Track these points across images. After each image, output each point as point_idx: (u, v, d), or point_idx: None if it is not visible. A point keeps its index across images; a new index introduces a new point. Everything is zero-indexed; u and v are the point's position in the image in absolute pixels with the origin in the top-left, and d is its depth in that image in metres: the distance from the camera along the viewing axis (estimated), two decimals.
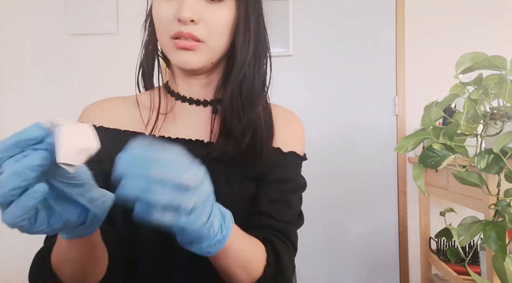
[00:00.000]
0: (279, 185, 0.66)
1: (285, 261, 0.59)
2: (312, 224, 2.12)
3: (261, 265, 0.56)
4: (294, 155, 0.70)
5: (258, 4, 0.65)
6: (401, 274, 2.08)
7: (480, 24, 2.06)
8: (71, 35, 2.29)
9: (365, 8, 2.15)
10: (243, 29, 0.62)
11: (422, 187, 0.72)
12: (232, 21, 0.61)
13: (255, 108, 0.64)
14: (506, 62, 0.66)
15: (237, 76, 0.63)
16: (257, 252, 0.56)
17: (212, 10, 0.59)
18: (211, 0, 0.59)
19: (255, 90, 0.65)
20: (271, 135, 0.67)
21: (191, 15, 0.57)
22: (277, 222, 0.62)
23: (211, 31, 0.60)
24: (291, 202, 0.67)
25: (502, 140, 0.64)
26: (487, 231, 0.64)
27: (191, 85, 0.67)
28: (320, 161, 2.14)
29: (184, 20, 0.57)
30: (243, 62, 0.63)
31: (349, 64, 2.16)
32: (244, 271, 0.53)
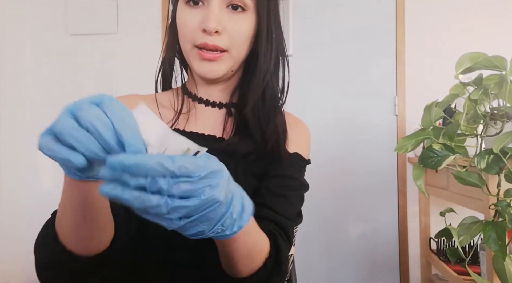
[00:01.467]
0: (281, 180, 0.67)
1: (284, 256, 0.60)
2: (312, 223, 2.12)
3: (263, 257, 0.56)
4: (298, 157, 0.72)
5: (277, 14, 0.69)
6: (401, 274, 2.08)
7: (480, 24, 2.06)
8: (71, 35, 2.29)
9: (365, 8, 2.15)
10: (265, 39, 0.65)
11: (422, 187, 0.72)
12: (253, 31, 0.64)
13: (277, 116, 0.68)
14: (506, 62, 0.66)
15: (259, 84, 0.66)
16: (262, 245, 0.56)
17: (235, 20, 0.62)
18: (234, 10, 0.62)
19: (276, 97, 0.69)
20: (285, 137, 0.70)
21: (216, 27, 0.59)
22: (277, 216, 0.63)
23: (233, 41, 0.62)
24: (291, 199, 0.67)
25: (502, 141, 0.64)
26: (487, 231, 0.64)
27: (209, 90, 0.70)
28: (320, 161, 2.14)
29: (210, 31, 0.59)
30: (266, 71, 0.66)
31: (349, 64, 2.16)
32: (246, 260, 0.53)
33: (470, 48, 0.77)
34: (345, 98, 2.16)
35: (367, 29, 2.15)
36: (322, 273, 2.14)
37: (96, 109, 0.35)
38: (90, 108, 0.35)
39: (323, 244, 2.15)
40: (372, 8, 2.15)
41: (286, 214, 0.65)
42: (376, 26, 2.14)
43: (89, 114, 0.35)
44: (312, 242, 2.13)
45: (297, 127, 0.75)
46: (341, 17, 2.17)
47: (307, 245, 2.11)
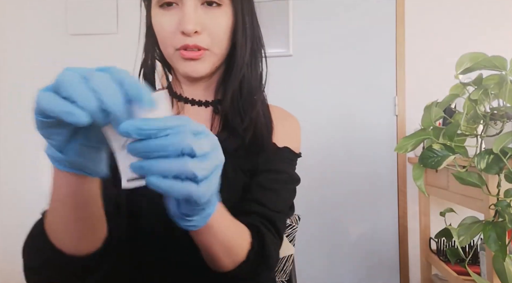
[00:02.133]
0: (271, 174, 0.67)
1: (270, 249, 0.59)
2: (312, 223, 2.12)
3: (244, 249, 0.56)
4: (288, 151, 0.71)
5: (251, 5, 0.67)
6: (401, 274, 2.08)
7: (480, 24, 2.06)
8: (71, 35, 2.29)
9: (365, 8, 2.15)
10: (241, 31, 0.64)
11: (422, 187, 0.72)
12: (231, 25, 0.64)
13: (255, 107, 0.67)
14: (506, 63, 0.66)
15: (236, 77, 0.66)
16: (241, 235, 0.56)
17: (212, 17, 0.61)
18: (209, 6, 0.61)
19: (253, 89, 0.68)
20: (270, 129, 0.70)
21: (195, 27, 0.58)
22: (265, 209, 0.63)
23: (214, 38, 0.62)
24: (282, 192, 0.67)
25: (502, 141, 0.64)
26: (487, 231, 0.64)
27: (194, 89, 0.70)
28: (320, 161, 2.14)
29: (188, 33, 0.58)
30: (242, 63, 0.65)
31: (349, 64, 2.16)
32: (225, 252, 0.52)
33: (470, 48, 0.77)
34: (345, 98, 2.16)
35: (367, 30, 2.15)
36: (322, 273, 2.14)
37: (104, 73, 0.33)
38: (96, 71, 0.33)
39: (323, 244, 2.15)
40: (372, 9, 2.15)
41: (275, 208, 0.64)
42: (376, 26, 2.14)
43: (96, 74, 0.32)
44: (312, 242, 2.13)
45: (286, 121, 0.75)
46: (341, 17, 2.17)
47: (307, 245, 2.11)
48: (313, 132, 2.16)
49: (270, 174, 0.67)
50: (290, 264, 1.07)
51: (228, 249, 0.53)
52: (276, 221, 0.63)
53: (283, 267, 1.06)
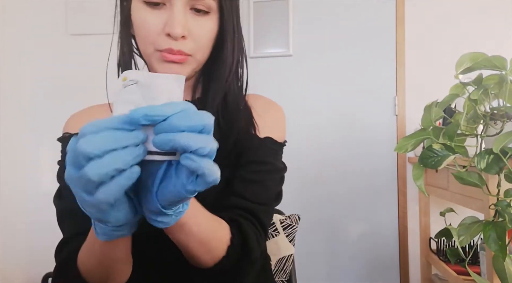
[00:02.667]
0: (253, 166, 0.66)
1: (252, 243, 0.58)
2: (312, 223, 2.12)
3: (223, 245, 0.55)
4: (270, 141, 0.70)
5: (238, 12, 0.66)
6: (401, 274, 2.08)
7: (480, 24, 2.06)
8: (71, 35, 2.29)
9: (365, 8, 2.15)
10: (230, 40, 0.64)
11: (422, 187, 0.72)
12: (215, 33, 0.62)
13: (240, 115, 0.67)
14: (506, 62, 0.66)
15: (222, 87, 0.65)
16: (218, 230, 0.55)
17: (199, 24, 0.59)
18: (198, 12, 0.59)
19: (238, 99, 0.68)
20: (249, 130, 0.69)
21: (183, 32, 0.56)
22: (247, 202, 0.62)
23: (198, 45, 0.60)
24: (266, 183, 0.66)
25: (502, 141, 0.64)
26: (487, 231, 0.64)
27: None
28: (320, 160, 2.14)
29: (176, 37, 0.56)
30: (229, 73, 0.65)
31: (349, 65, 2.16)
32: (202, 248, 0.52)
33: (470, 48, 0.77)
34: (345, 98, 2.16)
35: (367, 29, 2.15)
36: (322, 273, 2.14)
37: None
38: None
39: (323, 244, 2.15)
40: (372, 9, 2.15)
41: (257, 200, 0.63)
42: (376, 26, 2.14)
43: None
44: (312, 242, 2.13)
45: (269, 110, 0.73)
46: (341, 17, 2.17)
47: (307, 245, 2.11)
48: (313, 132, 2.16)
49: (252, 165, 0.65)
50: (290, 264, 1.07)
51: (205, 246, 0.52)
52: (259, 214, 0.62)
53: (283, 267, 1.06)
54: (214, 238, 0.54)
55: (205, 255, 0.53)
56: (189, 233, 0.49)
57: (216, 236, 0.54)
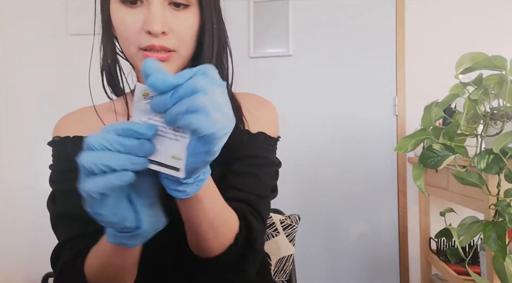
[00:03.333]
0: (247, 160, 0.65)
1: (256, 233, 0.58)
2: (312, 223, 2.12)
3: (232, 233, 0.54)
4: (263, 136, 0.69)
5: (218, 4, 0.65)
6: (401, 274, 2.08)
7: (480, 24, 2.06)
8: (71, 35, 2.29)
9: (364, 8, 2.15)
10: (208, 32, 0.62)
11: (422, 187, 0.72)
12: (198, 26, 0.61)
13: None
14: (506, 62, 0.66)
15: None
16: (230, 217, 0.54)
17: (180, 19, 0.58)
18: (177, 7, 0.58)
19: None
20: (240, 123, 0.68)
21: (162, 28, 0.56)
22: (246, 194, 0.61)
23: (181, 41, 0.59)
24: (261, 177, 0.65)
25: (502, 141, 0.64)
26: (487, 231, 0.64)
27: None
28: (320, 160, 2.14)
29: (156, 34, 0.55)
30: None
31: (349, 64, 2.16)
32: (214, 232, 0.51)
33: (470, 48, 0.77)
34: (345, 98, 2.16)
35: (367, 29, 2.15)
36: (322, 273, 2.14)
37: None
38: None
39: (323, 244, 2.15)
40: (372, 9, 2.15)
41: (255, 192, 0.63)
42: (376, 26, 2.14)
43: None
44: (312, 242, 2.13)
45: (261, 107, 0.73)
46: (341, 17, 2.17)
47: (307, 245, 2.11)
48: (313, 132, 2.16)
49: (246, 160, 0.65)
50: (290, 264, 1.07)
51: (216, 230, 0.51)
52: (259, 206, 0.62)
53: (283, 267, 1.06)
54: (224, 222, 0.53)
55: (215, 240, 0.52)
56: (203, 210, 0.48)
57: (226, 221, 0.53)
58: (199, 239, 0.52)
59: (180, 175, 0.39)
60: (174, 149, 0.39)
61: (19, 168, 2.26)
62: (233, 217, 0.55)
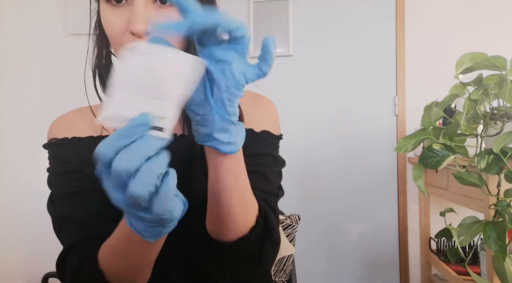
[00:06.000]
0: (252, 158, 0.63)
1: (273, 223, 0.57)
2: (312, 223, 2.12)
3: (254, 213, 0.54)
4: (267, 134, 0.68)
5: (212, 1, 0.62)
6: (401, 274, 2.08)
7: (480, 24, 2.06)
8: (71, 35, 2.29)
9: (365, 8, 2.15)
10: None
11: (422, 187, 0.72)
12: None
13: None
14: (506, 62, 0.66)
15: None
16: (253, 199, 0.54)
17: (166, 16, 0.55)
18: (162, 4, 0.55)
19: None
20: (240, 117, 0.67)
21: (145, 28, 0.53)
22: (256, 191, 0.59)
23: None
24: (267, 175, 0.64)
25: (502, 141, 0.64)
26: (487, 231, 0.64)
27: None
28: (320, 160, 2.14)
29: (139, 34, 0.53)
30: None
31: (349, 64, 2.16)
32: (242, 207, 0.51)
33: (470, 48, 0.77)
34: (345, 98, 2.16)
35: (367, 29, 2.15)
36: (322, 273, 2.14)
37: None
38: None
39: (323, 244, 2.15)
40: (372, 8, 2.15)
41: (264, 189, 0.62)
42: (376, 26, 2.14)
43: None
44: (312, 242, 2.13)
45: (261, 105, 0.72)
46: (341, 17, 2.17)
47: (307, 245, 2.11)
48: (313, 132, 2.16)
49: (252, 158, 0.63)
50: (290, 264, 1.07)
51: (244, 204, 0.51)
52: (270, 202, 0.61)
53: (283, 267, 1.06)
54: (250, 198, 0.52)
55: (240, 215, 0.51)
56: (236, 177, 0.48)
57: (251, 198, 0.53)
58: (226, 214, 0.51)
59: (165, 135, 0.37)
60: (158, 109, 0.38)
61: (19, 167, 2.26)
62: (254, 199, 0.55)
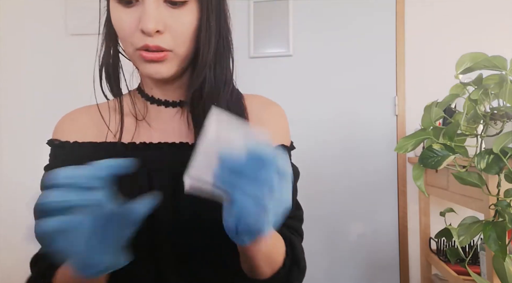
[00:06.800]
0: None
1: (300, 252, 0.61)
2: (312, 224, 2.12)
3: (281, 257, 0.57)
4: (282, 148, 0.68)
5: (220, 3, 0.62)
6: (401, 274, 2.08)
7: (480, 24, 2.06)
8: (71, 35, 2.29)
9: (365, 8, 2.15)
10: (204, 30, 0.59)
11: (422, 187, 0.72)
12: (195, 24, 0.58)
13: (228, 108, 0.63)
14: (506, 62, 0.66)
15: (198, 78, 0.61)
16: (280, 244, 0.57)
17: (176, 16, 0.56)
18: (174, 5, 0.56)
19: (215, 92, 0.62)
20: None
21: (156, 26, 0.54)
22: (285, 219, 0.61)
23: (177, 39, 0.57)
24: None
25: (502, 141, 0.64)
26: (487, 231, 0.64)
27: (164, 90, 0.66)
28: (320, 160, 2.14)
29: (149, 33, 0.54)
30: (204, 64, 0.60)
31: (349, 65, 2.16)
32: (267, 261, 0.53)
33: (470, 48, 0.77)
34: (345, 98, 2.16)
35: (367, 29, 2.15)
36: (322, 273, 2.14)
37: None
38: None
39: (323, 244, 2.15)
40: (372, 8, 2.15)
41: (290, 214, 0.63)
42: (376, 26, 2.14)
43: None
44: (312, 242, 2.13)
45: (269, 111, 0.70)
46: (341, 17, 2.17)
47: (307, 245, 2.09)
48: (313, 132, 2.15)
49: None
50: None
51: (269, 259, 0.53)
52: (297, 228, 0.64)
53: None
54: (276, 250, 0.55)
55: (267, 267, 0.54)
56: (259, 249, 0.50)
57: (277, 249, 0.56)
58: (253, 267, 0.53)
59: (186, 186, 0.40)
60: None
61: (19, 167, 2.26)
62: (281, 242, 0.57)
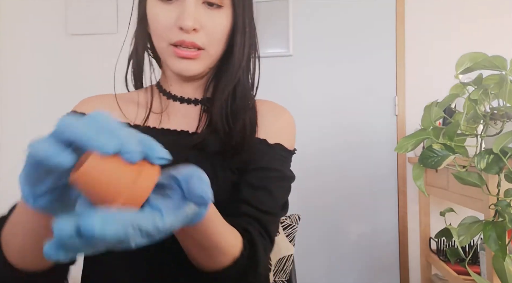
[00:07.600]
0: (261, 172, 0.64)
1: (260, 255, 0.56)
2: (312, 224, 2.12)
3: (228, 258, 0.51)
4: (280, 147, 0.69)
5: (251, 8, 0.68)
6: (401, 274, 2.08)
7: (480, 24, 2.06)
8: (71, 35, 2.29)
9: (365, 8, 2.15)
10: (240, 35, 0.64)
11: (422, 187, 0.72)
12: (229, 27, 0.62)
13: (247, 112, 0.66)
14: (506, 62, 0.66)
15: (232, 80, 0.65)
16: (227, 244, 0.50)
17: (212, 17, 0.60)
18: (210, 6, 0.60)
19: (247, 93, 0.67)
20: (254, 131, 0.68)
21: (194, 24, 0.57)
22: (256, 211, 0.60)
23: (211, 39, 0.61)
24: (272, 190, 0.64)
25: (502, 141, 0.64)
26: (487, 231, 0.64)
27: (184, 87, 0.69)
28: (320, 160, 2.14)
29: (187, 29, 0.58)
30: (238, 67, 0.64)
31: (349, 64, 2.16)
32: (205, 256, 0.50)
33: (470, 48, 0.77)
34: (345, 98, 2.16)
35: (367, 29, 2.15)
36: (322, 273, 2.14)
37: None
38: None
39: (323, 244, 2.15)
40: (372, 8, 2.15)
41: (267, 209, 0.61)
42: (376, 26, 2.14)
43: None
44: (312, 242, 2.13)
45: (280, 117, 0.72)
46: (341, 17, 2.17)
47: (307, 245, 2.11)
48: (313, 132, 2.16)
49: (260, 172, 0.64)
50: (290, 264, 1.07)
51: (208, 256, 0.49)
52: (267, 224, 0.60)
53: (283, 267, 1.06)
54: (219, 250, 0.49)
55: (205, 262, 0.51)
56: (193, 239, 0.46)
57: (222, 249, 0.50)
58: (191, 257, 0.51)
59: None
60: None
61: (19, 168, 2.26)
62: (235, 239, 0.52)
